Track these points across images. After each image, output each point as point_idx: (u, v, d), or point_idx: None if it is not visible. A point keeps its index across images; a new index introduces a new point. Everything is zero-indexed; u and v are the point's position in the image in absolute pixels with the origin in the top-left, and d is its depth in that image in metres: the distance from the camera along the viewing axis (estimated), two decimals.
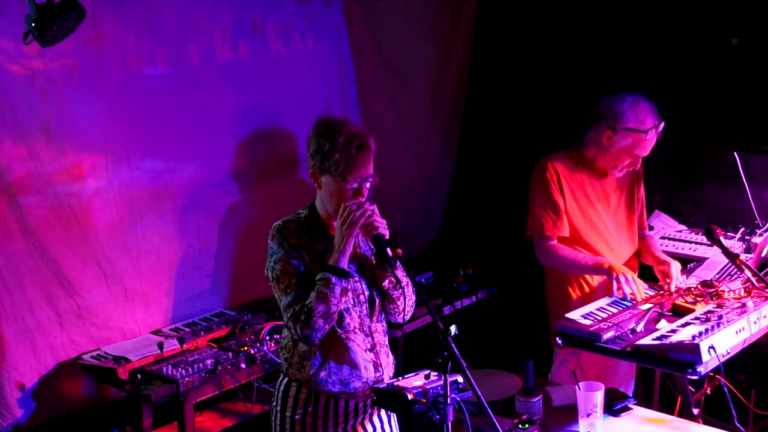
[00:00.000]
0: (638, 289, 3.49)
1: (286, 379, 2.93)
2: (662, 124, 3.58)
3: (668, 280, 3.61)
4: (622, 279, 3.47)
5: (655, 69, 4.56)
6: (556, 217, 3.63)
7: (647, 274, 3.81)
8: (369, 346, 2.93)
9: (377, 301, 2.95)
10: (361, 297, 2.91)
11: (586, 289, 3.69)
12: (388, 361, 3.00)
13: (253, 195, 4.42)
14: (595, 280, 3.67)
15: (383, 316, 3.00)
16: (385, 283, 2.92)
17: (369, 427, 2.99)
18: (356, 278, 2.89)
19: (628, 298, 3.48)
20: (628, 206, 3.81)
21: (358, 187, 2.81)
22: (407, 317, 2.99)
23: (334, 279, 2.75)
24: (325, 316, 2.75)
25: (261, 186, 4.44)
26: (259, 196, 4.43)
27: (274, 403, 2.96)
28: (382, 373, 2.95)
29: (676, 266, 3.64)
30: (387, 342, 3.01)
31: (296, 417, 2.89)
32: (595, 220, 3.70)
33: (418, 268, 4.63)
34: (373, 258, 2.95)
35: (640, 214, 3.89)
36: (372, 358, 2.93)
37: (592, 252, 3.68)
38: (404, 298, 2.92)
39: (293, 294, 2.80)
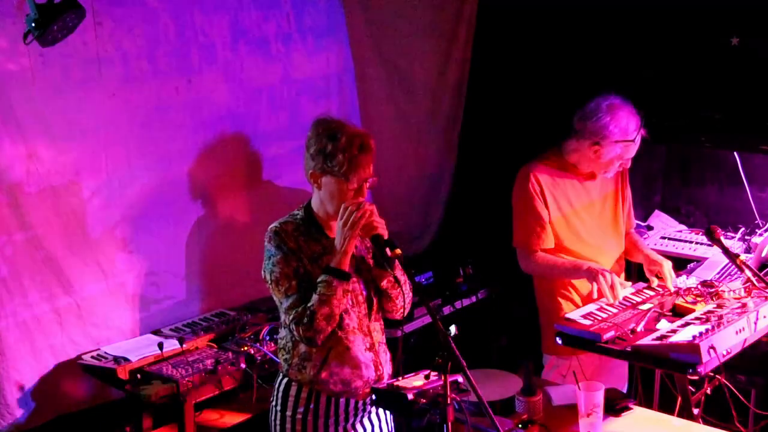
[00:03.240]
0: (617, 290, 3.45)
1: (286, 378, 2.93)
2: (642, 123, 3.54)
3: (662, 281, 3.60)
4: (601, 280, 3.44)
5: (656, 69, 4.56)
6: (540, 230, 3.60)
7: (644, 275, 3.81)
8: (368, 346, 2.94)
9: (375, 300, 2.96)
10: (360, 297, 2.91)
11: (576, 297, 3.68)
12: (386, 359, 3.01)
13: (253, 194, 4.42)
14: (585, 288, 3.65)
15: (381, 314, 3.01)
16: (384, 283, 2.92)
17: (368, 425, 3.01)
18: (354, 278, 2.89)
19: (608, 301, 3.45)
20: (614, 207, 3.78)
21: (359, 187, 2.81)
22: (405, 314, 3.00)
23: (335, 281, 2.76)
24: (327, 318, 2.76)
25: (262, 185, 4.44)
26: (260, 195, 4.43)
27: (273, 403, 2.96)
28: (382, 372, 2.96)
29: (668, 266, 3.62)
30: (384, 340, 3.02)
31: (297, 416, 2.89)
32: (579, 228, 3.68)
33: (418, 268, 4.63)
34: (370, 258, 2.95)
35: (627, 214, 3.87)
36: (372, 358, 2.94)
37: (578, 259, 3.65)
38: (403, 297, 2.93)
39: (294, 296, 2.80)
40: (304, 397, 2.89)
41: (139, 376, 3.60)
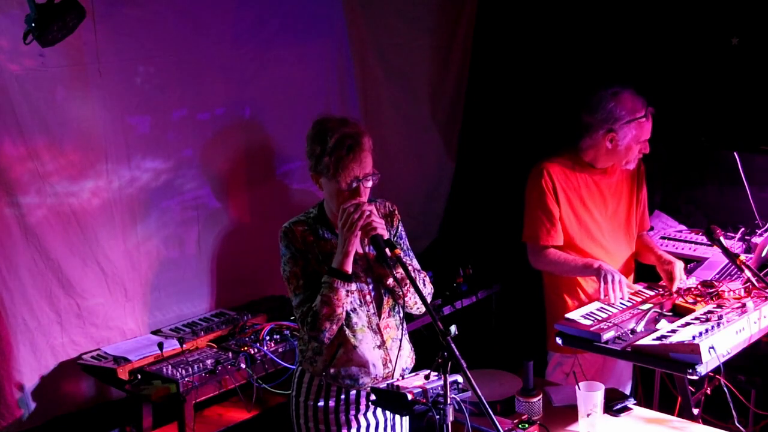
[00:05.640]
0: (622, 290, 3.46)
1: (301, 367, 3.00)
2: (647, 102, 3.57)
3: (672, 280, 3.59)
4: (609, 279, 3.45)
5: (656, 69, 4.56)
6: (550, 226, 3.61)
7: (648, 275, 3.81)
8: (378, 344, 2.95)
9: (385, 298, 2.96)
10: (368, 297, 2.92)
11: (582, 296, 3.68)
12: (401, 355, 2.99)
13: (253, 195, 4.42)
14: (590, 287, 3.65)
15: (396, 310, 3.01)
16: (389, 282, 2.93)
17: (380, 417, 3.04)
18: (362, 277, 2.90)
19: (611, 302, 3.46)
20: (627, 208, 3.78)
21: (356, 187, 2.81)
22: (422, 310, 2.99)
23: (337, 283, 2.77)
24: (330, 318, 2.78)
25: (262, 186, 4.44)
26: (260, 196, 4.43)
27: (291, 388, 3.04)
28: (392, 369, 2.97)
29: (680, 266, 3.61)
30: (401, 335, 3.01)
31: (309, 403, 2.96)
32: (590, 226, 3.68)
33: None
34: None
35: (641, 215, 3.86)
36: (381, 355, 2.95)
37: (587, 257, 3.65)
38: (411, 294, 2.93)
39: (302, 296, 2.85)
40: (316, 385, 2.95)
41: (139, 376, 3.60)
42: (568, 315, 3.40)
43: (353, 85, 4.81)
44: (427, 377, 2.65)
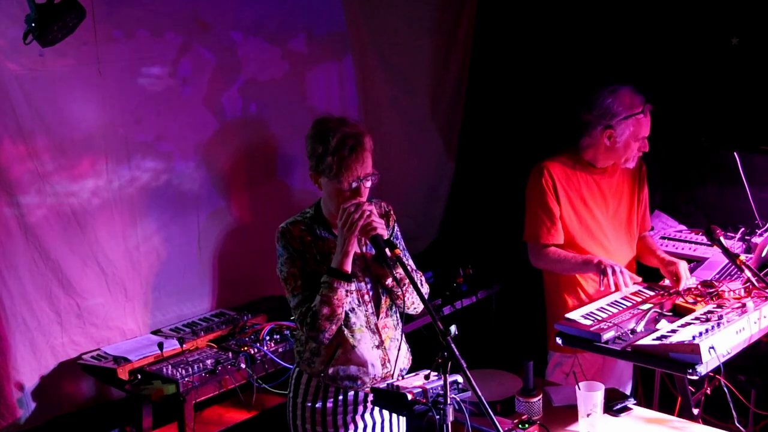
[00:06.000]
0: (625, 279, 3.45)
1: (298, 368, 2.99)
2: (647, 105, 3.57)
3: (678, 280, 3.59)
4: (609, 272, 3.44)
5: (656, 69, 4.56)
6: (551, 225, 3.61)
7: (650, 275, 3.81)
8: (376, 344, 2.95)
9: (383, 298, 2.96)
10: (366, 297, 2.92)
11: (582, 296, 3.67)
12: (399, 355, 2.99)
13: (253, 195, 4.42)
14: (591, 286, 3.65)
15: (395, 310, 3.01)
16: (388, 282, 2.93)
17: (377, 417, 3.03)
18: (360, 277, 2.90)
19: (613, 290, 3.45)
20: (628, 208, 3.77)
21: (357, 187, 2.80)
22: (418, 310, 3.00)
23: (336, 283, 2.77)
24: (329, 318, 2.78)
25: (261, 186, 4.44)
26: (260, 196, 4.43)
27: (288, 390, 3.03)
28: (391, 369, 2.97)
29: (683, 265, 3.61)
30: (399, 335, 3.01)
31: (307, 404, 2.95)
32: (591, 225, 3.68)
33: (418, 268, 4.62)
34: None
35: (643, 216, 3.86)
36: (380, 355, 2.95)
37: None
38: (409, 294, 2.93)
39: (300, 296, 2.84)
40: (314, 386, 2.95)
41: (139, 376, 3.60)
42: (568, 315, 3.39)
43: (353, 85, 4.81)
44: (427, 377, 2.64)
